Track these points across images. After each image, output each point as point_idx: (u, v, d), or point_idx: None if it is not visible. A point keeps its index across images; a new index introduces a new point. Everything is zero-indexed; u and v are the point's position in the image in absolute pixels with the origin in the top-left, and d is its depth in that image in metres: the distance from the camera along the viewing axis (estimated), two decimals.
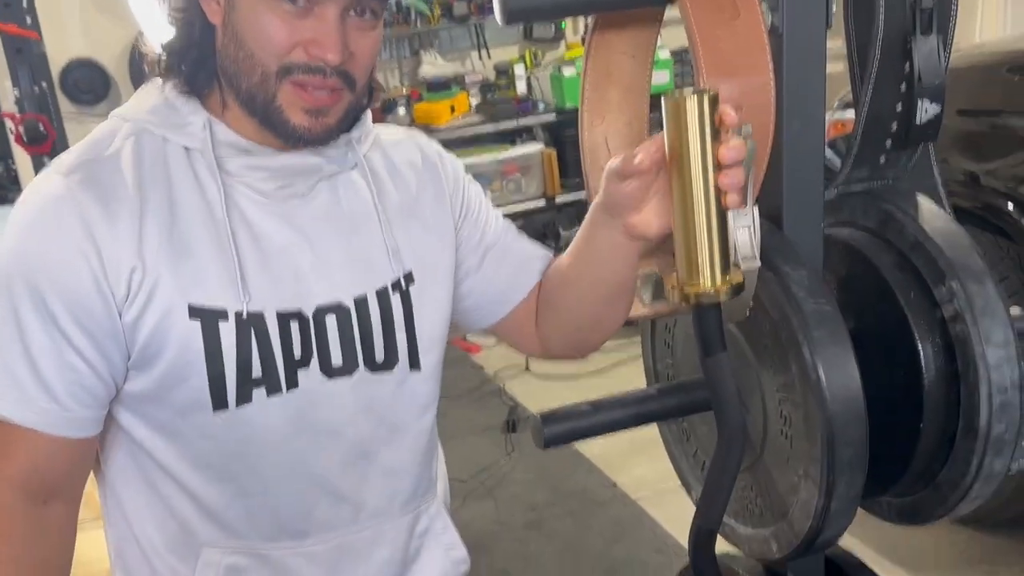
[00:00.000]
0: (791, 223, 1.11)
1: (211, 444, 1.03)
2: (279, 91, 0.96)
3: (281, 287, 1.02)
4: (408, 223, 1.12)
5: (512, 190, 4.55)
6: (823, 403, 1.01)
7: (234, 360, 0.99)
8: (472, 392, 4.33)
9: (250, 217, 1.01)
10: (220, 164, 1.00)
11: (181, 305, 0.97)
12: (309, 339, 1.03)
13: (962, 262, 1.09)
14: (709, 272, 0.89)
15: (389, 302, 1.08)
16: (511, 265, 1.21)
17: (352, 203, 1.08)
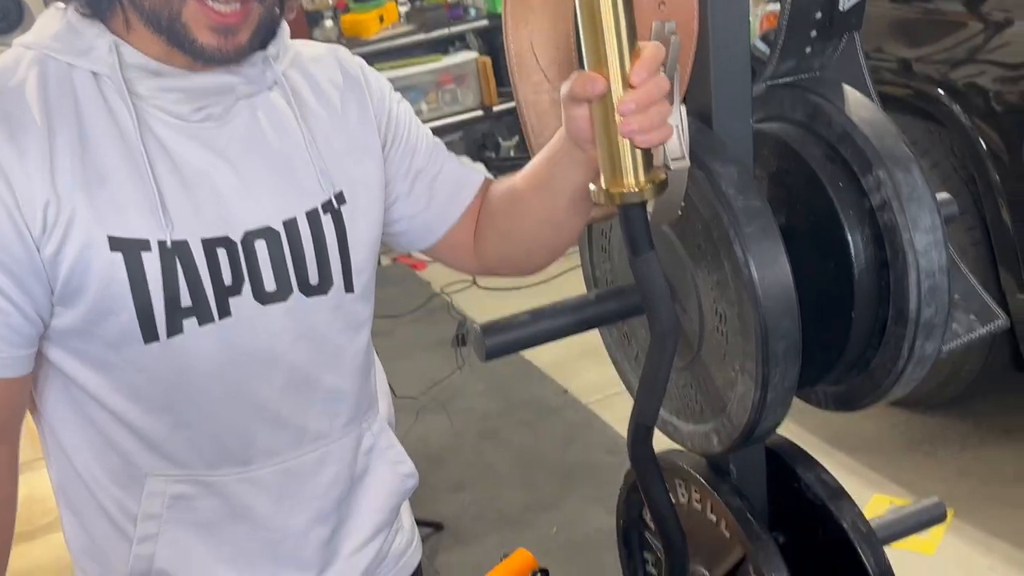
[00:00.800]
0: (720, 120, 1.10)
1: (145, 376, 1.02)
2: (183, 8, 0.92)
3: (204, 213, 0.99)
4: (335, 142, 1.09)
5: (448, 101, 4.48)
6: (756, 298, 1.02)
7: (161, 290, 0.97)
8: (420, 309, 4.34)
9: (166, 142, 0.98)
10: (130, 88, 0.97)
11: (100, 237, 0.94)
12: (239, 265, 1.02)
13: (889, 151, 1.09)
14: (632, 171, 0.89)
15: (320, 224, 1.06)
16: (444, 189, 1.20)
17: (274, 123, 1.05)
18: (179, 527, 1.09)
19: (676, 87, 0.91)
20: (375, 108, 1.14)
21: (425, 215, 1.19)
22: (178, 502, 1.08)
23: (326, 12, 4.39)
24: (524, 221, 1.17)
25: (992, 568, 2.45)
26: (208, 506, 1.09)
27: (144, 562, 1.09)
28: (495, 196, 1.22)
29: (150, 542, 1.09)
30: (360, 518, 1.19)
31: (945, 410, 3.02)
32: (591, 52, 0.85)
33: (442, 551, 2.75)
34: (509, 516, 2.90)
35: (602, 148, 0.89)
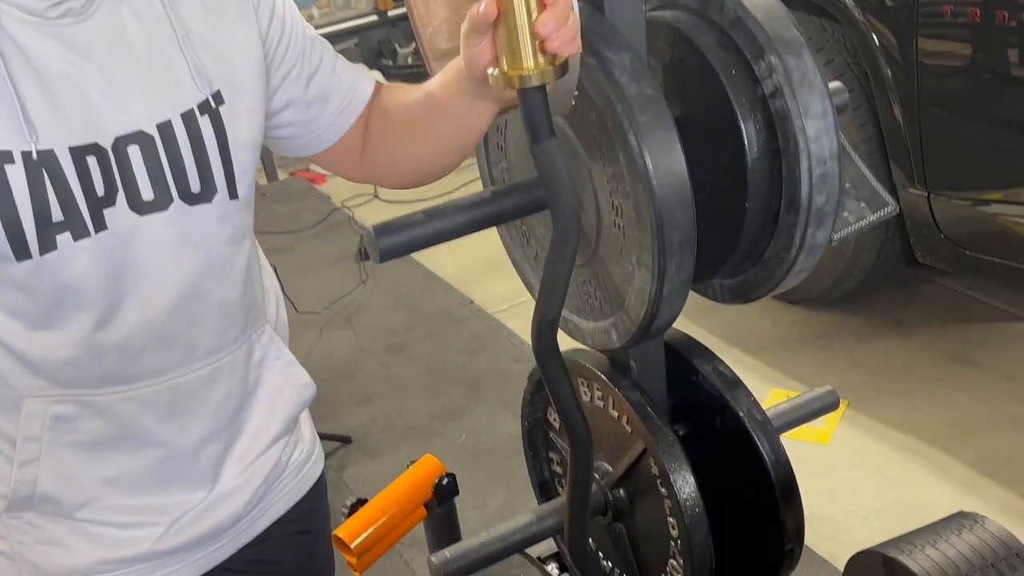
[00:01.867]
0: (612, 6, 1.07)
1: (22, 293, 0.96)
2: None
3: (70, 120, 0.92)
4: (210, 38, 1.01)
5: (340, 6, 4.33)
6: (651, 188, 1.01)
7: (28, 205, 0.91)
8: (320, 223, 4.25)
9: (21, 41, 0.90)
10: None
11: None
12: (111, 174, 0.95)
13: (780, 36, 1.08)
14: (531, 52, 0.86)
15: (198, 126, 1.00)
16: (335, 98, 1.14)
17: (141, 18, 0.97)
18: (62, 449, 1.04)
19: None
20: (259, 9, 1.06)
21: (318, 122, 1.14)
22: (59, 423, 1.03)
23: None
24: (418, 137, 1.14)
25: (884, 455, 2.57)
26: (91, 427, 1.05)
27: (27, 487, 1.05)
28: (386, 106, 1.17)
29: (32, 465, 1.04)
30: (254, 430, 1.16)
31: (840, 306, 3.12)
32: None
33: (350, 464, 2.75)
34: (417, 427, 2.91)
35: (501, 30, 0.86)
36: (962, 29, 2.32)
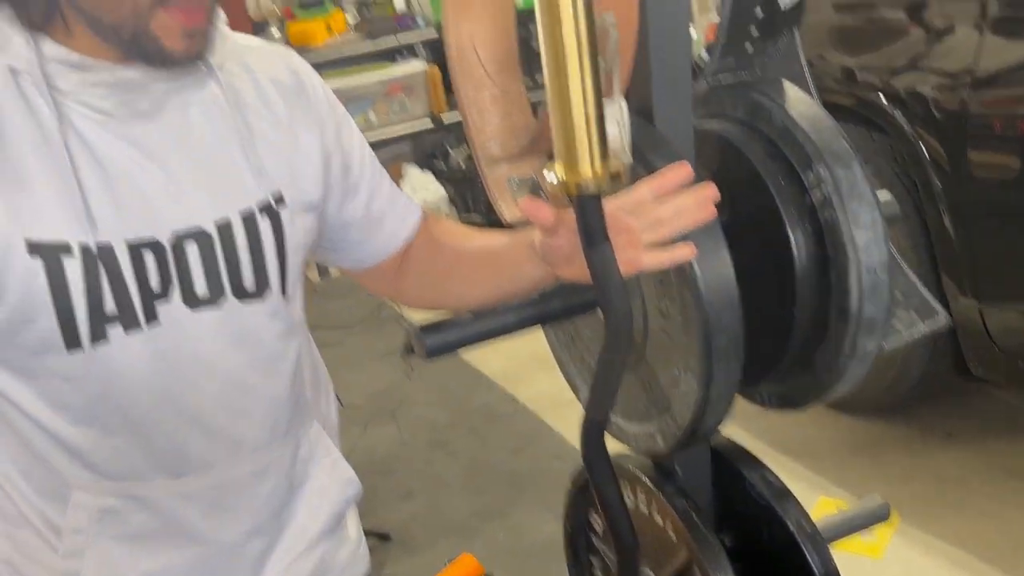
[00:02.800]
0: (661, 117, 1.10)
1: (71, 385, 0.97)
2: (152, 19, 0.88)
3: (129, 215, 0.94)
4: (275, 142, 1.04)
5: (396, 111, 4.45)
6: (698, 294, 1.01)
7: (84, 296, 0.92)
8: (369, 319, 4.29)
9: (89, 139, 0.93)
10: (51, 83, 0.91)
11: (18, 242, 0.89)
12: (168, 269, 0.97)
13: (829, 147, 1.09)
14: (588, 160, 0.88)
15: (256, 226, 1.02)
16: (386, 223, 1.17)
17: (208, 119, 1.00)
18: (107, 542, 1.04)
19: (615, 79, 0.91)
20: (322, 120, 1.09)
21: (365, 243, 1.17)
22: (106, 516, 1.03)
23: (272, 20, 4.35)
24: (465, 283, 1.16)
25: (938, 570, 2.48)
26: (138, 521, 1.05)
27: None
28: (439, 242, 1.19)
29: (76, 557, 1.04)
30: (299, 528, 1.16)
31: (890, 415, 3.05)
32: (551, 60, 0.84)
33: (390, 562, 2.71)
34: (457, 524, 2.87)
35: (559, 138, 0.88)
36: (1012, 141, 2.32)
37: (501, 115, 1.14)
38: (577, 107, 0.85)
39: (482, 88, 1.15)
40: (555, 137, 0.88)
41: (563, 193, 0.90)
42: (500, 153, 1.13)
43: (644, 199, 0.94)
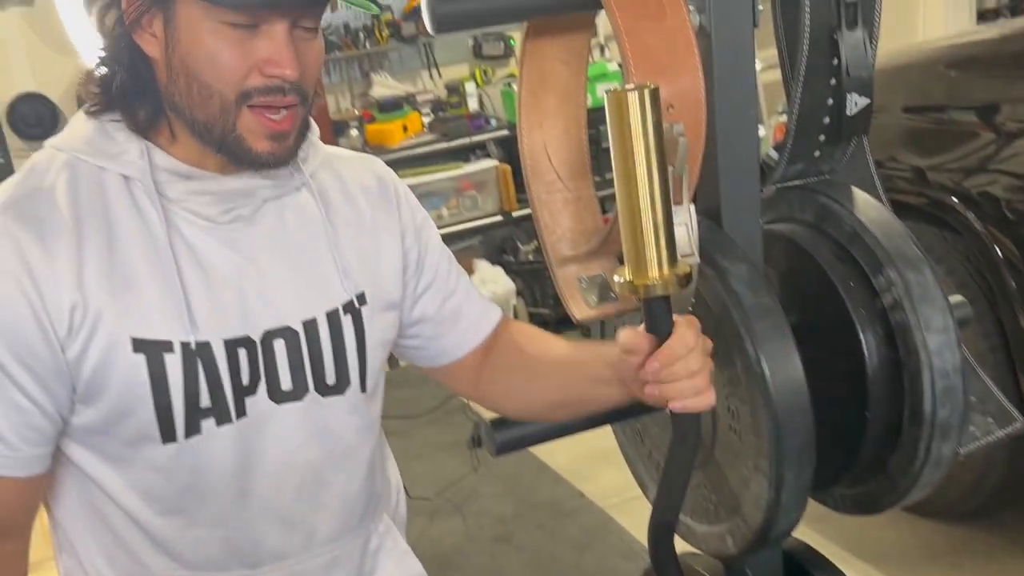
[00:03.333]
0: (729, 219, 1.12)
1: (161, 476, 1.01)
2: (239, 119, 0.94)
3: (227, 314, 0.99)
4: (360, 244, 1.09)
5: (468, 207, 4.54)
6: (768, 395, 1.02)
7: (181, 392, 0.97)
8: (436, 410, 4.31)
9: (193, 243, 0.99)
10: (160, 191, 0.97)
11: (124, 339, 0.94)
12: (257, 365, 1.01)
13: (899, 251, 1.10)
14: (656, 264, 0.90)
15: (340, 324, 1.06)
16: (464, 320, 1.20)
17: (300, 223, 1.06)
18: None
19: (685, 186, 0.94)
20: (404, 227, 1.15)
21: (443, 340, 1.20)
22: None
23: (352, 122, 4.51)
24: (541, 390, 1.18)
25: None
26: None
27: None
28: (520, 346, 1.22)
29: None
30: None
31: (970, 521, 2.94)
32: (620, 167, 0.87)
33: None
34: None
35: (628, 241, 0.90)
36: None
37: (572, 217, 1.17)
38: (645, 213, 0.87)
39: (553, 191, 1.18)
40: (624, 240, 0.91)
41: (631, 294, 0.92)
42: (570, 253, 1.16)
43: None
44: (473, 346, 1.21)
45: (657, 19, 0.98)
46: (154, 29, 0.94)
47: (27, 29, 4.09)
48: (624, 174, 0.87)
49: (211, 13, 0.90)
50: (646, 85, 0.84)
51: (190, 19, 0.91)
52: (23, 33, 4.09)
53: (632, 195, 0.87)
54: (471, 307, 1.21)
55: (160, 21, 0.93)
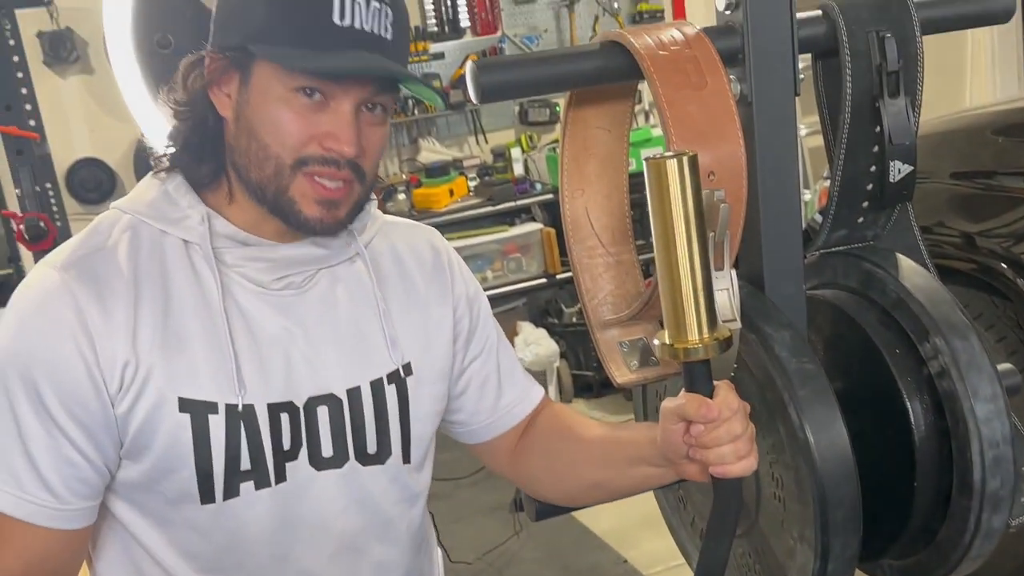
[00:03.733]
0: (772, 285, 1.12)
1: (200, 535, 1.02)
2: (292, 183, 0.97)
3: (273, 379, 1.01)
4: (410, 314, 1.11)
5: (513, 269, 4.57)
6: (813, 463, 1.00)
7: (223, 453, 0.99)
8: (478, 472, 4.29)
9: (245, 307, 1.01)
10: (218, 256, 1.00)
11: (172, 398, 0.97)
12: (299, 430, 1.02)
13: (945, 318, 1.09)
14: (696, 328, 0.90)
15: (383, 393, 1.07)
16: (506, 397, 1.22)
17: (351, 292, 1.08)
18: None
19: (726, 252, 0.94)
20: (456, 299, 1.16)
21: (485, 415, 1.21)
22: None
23: (399, 186, 4.59)
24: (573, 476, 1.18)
25: None
26: None
27: None
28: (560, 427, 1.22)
29: None
30: None
31: None
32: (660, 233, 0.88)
33: None
34: None
35: (666, 302, 0.90)
36: None
37: (613, 281, 1.18)
38: (685, 278, 0.88)
39: (595, 255, 1.19)
40: (663, 304, 0.91)
41: (671, 358, 0.92)
42: (611, 317, 1.16)
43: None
44: (514, 423, 1.21)
45: (698, 88, 0.99)
46: (230, 89, 0.98)
47: (87, 96, 4.23)
48: (664, 239, 0.88)
49: (285, 80, 0.94)
50: (685, 152, 0.85)
51: (264, 83, 0.95)
52: (83, 100, 4.24)
53: (671, 260, 0.87)
54: (514, 383, 1.22)
55: (237, 82, 0.97)
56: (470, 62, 1.01)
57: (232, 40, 0.96)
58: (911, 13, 1.13)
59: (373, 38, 0.95)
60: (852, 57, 1.12)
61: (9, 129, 2.55)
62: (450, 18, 4.70)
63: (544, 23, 4.93)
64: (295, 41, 0.93)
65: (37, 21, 4.00)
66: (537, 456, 1.21)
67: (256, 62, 0.95)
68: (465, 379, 1.18)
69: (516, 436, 1.22)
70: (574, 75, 1.06)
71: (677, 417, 0.94)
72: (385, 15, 0.95)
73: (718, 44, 1.04)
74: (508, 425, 1.21)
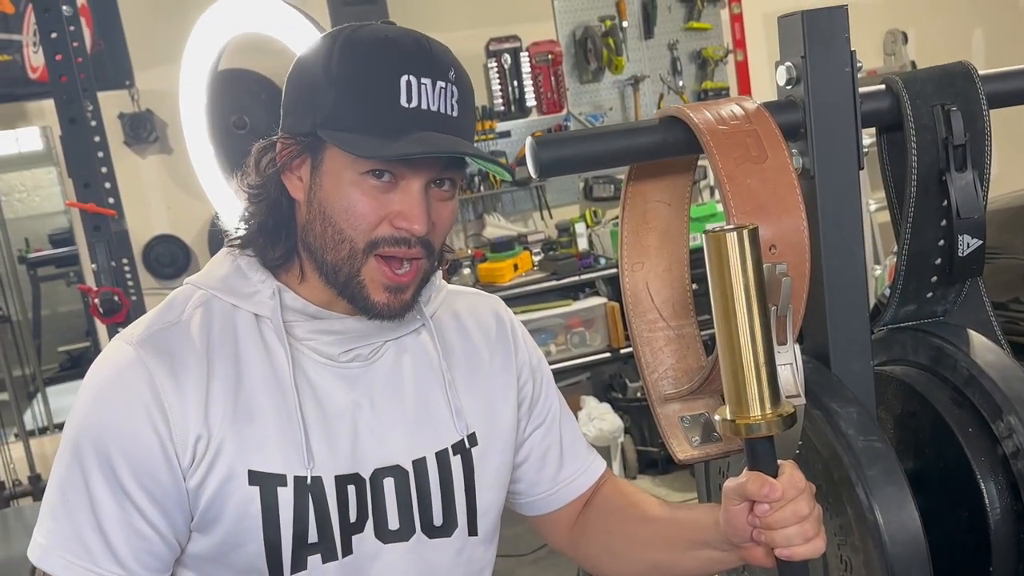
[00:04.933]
0: (838, 361, 1.10)
1: None
2: (364, 266, 0.98)
3: (340, 451, 1.02)
4: (475, 384, 1.11)
5: (576, 343, 4.55)
6: (883, 546, 0.97)
7: (291, 526, 0.99)
8: (540, 549, 4.22)
9: (314, 380, 1.02)
10: (288, 330, 1.02)
11: (242, 471, 0.97)
12: (365, 502, 1.02)
13: (1019, 396, 1.06)
14: (758, 404, 0.88)
15: (449, 464, 1.07)
16: (567, 468, 1.20)
17: (417, 363, 1.08)
18: None
19: (789, 326, 0.92)
20: (520, 367, 1.16)
21: (545, 486, 1.20)
22: None
23: (464, 260, 4.64)
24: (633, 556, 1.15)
25: None
26: None
27: None
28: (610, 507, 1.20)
29: None
30: None
31: None
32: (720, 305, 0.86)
33: None
34: None
35: (729, 380, 0.89)
36: None
37: (674, 355, 1.16)
38: (745, 351, 0.86)
39: (655, 329, 1.18)
40: (724, 380, 0.89)
41: (733, 434, 0.90)
42: (672, 392, 1.15)
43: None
44: (574, 496, 1.19)
45: (758, 161, 0.99)
46: (301, 173, 1.00)
47: (165, 174, 4.38)
48: (724, 312, 0.87)
49: (355, 164, 0.95)
50: (745, 225, 0.85)
51: (335, 167, 0.97)
52: (160, 178, 4.39)
53: (732, 333, 0.86)
54: (576, 455, 1.20)
55: (308, 166, 0.99)
56: (530, 138, 1.03)
57: (303, 126, 0.98)
58: (977, 86, 1.12)
59: (440, 117, 0.96)
60: (917, 131, 1.11)
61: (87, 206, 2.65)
62: (516, 98, 4.79)
63: (609, 102, 4.99)
64: (364, 126, 0.94)
65: (119, 103, 4.19)
66: (597, 533, 1.19)
67: (327, 147, 0.97)
68: (527, 448, 1.17)
69: (576, 510, 1.20)
70: (633, 150, 1.06)
71: (740, 497, 0.92)
72: (451, 94, 0.97)
73: (779, 118, 1.04)
74: (568, 498, 1.19)
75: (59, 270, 5.45)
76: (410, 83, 0.94)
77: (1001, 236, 1.36)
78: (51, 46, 2.68)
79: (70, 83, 2.69)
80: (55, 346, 5.52)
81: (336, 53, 0.96)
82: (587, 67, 4.89)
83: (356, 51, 0.95)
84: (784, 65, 1.08)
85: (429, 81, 0.95)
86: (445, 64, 0.97)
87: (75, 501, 0.96)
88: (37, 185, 5.31)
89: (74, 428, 0.98)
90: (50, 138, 4.41)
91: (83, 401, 0.98)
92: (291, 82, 1.01)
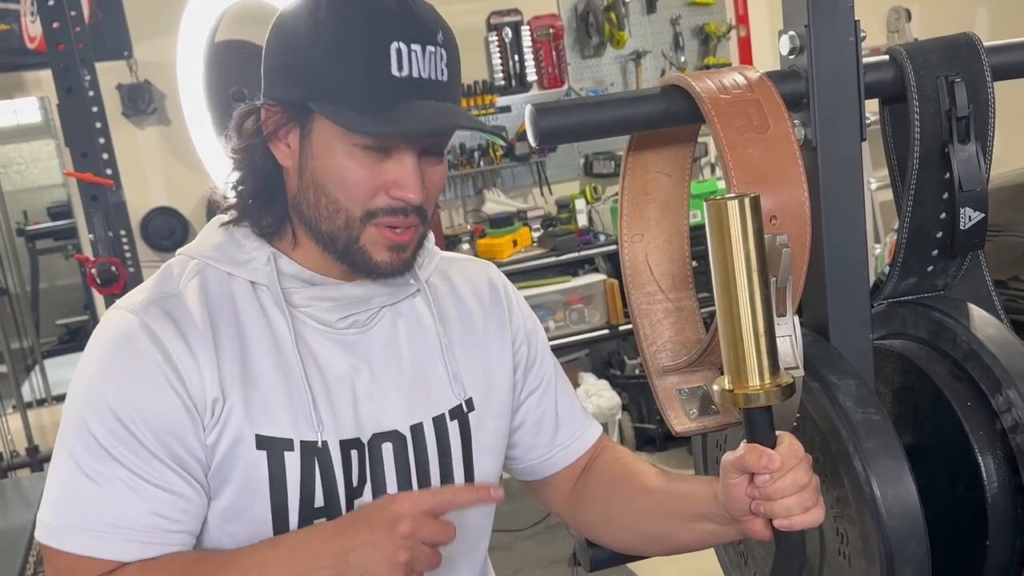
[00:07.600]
0: (837, 334, 1.09)
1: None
2: (363, 233, 0.98)
3: (342, 416, 1.02)
4: (470, 350, 1.11)
5: (575, 319, 4.56)
6: (879, 518, 0.97)
7: (298, 490, 0.99)
8: (538, 524, 4.24)
9: (314, 347, 1.02)
10: (286, 297, 1.01)
11: (249, 436, 0.97)
12: (364, 467, 1.03)
13: (1019, 370, 1.05)
14: (757, 374, 0.88)
15: (446, 428, 1.07)
16: (563, 433, 1.20)
17: (413, 329, 1.08)
18: None
19: (788, 298, 0.92)
20: (514, 331, 1.16)
21: (540, 451, 1.20)
22: None
23: (463, 236, 4.63)
24: (632, 525, 1.15)
25: None
26: None
27: None
28: (609, 474, 1.19)
29: None
30: None
31: None
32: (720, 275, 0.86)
33: None
34: None
35: (728, 350, 0.88)
36: None
37: (672, 328, 1.16)
38: (746, 324, 0.86)
39: (654, 301, 1.18)
40: (723, 349, 0.89)
41: (731, 404, 0.90)
42: (670, 364, 1.14)
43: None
44: (570, 461, 1.19)
45: (760, 131, 0.98)
46: (289, 140, 0.99)
47: (163, 146, 4.36)
48: (724, 282, 0.86)
49: (348, 135, 0.94)
50: (746, 194, 0.84)
51: (326, 137, 0.96)
52: (159, 150, 4.37)
53: (732, 303, 0.86)
54: (572, 420, 1.20)
55: (296, 135, 0.98)
56: (529, 105, 1.02)
57: (289, 94, 0.97)
58: (982, 58, 1.11)
59: (431, 84, 0.96)
60: (920, 102, 1.10)
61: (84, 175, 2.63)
62: (517, 72, 4.76)
63: (610, 77, 4.97)
64: (355, 97, 0.93)
65: (117, 74, 4.16)
66: (595, 501, 1.19)
67: (316, 116, 0.96)
68: (522, 413, 1.17)
69: (574, 475, 1.20)
70: (634, 118, 1.05)
71: (738, 470, 0.91)
72: (440, 58, 0.96)
73: (782, 88, 1.03)
74: (565, 462, 1.19)
75: (57, 243, 5.44)
76: (400, 50, 0.93)
77: (1002, 214, 1.35)
78: (48, 13, 2.65)
79: (67, 51, 2.67)
80: (53, 319, 5.52)
81: (321, 16, 0.94)
82: (588, 42, 4.87)
83: (341, 15, 0.94)
84: (787, 34, 1.07)
85: (419, 47, 0.94)
86: (432, 26, 0.96)
87: (105, 473, 0.94)
88: (35, 157, 5.29)
89: (82, 401, 0.95)
90: (48, 109, 4.39)
91: (91, 372, 0.96)
92: (272, 44, 0.99)
